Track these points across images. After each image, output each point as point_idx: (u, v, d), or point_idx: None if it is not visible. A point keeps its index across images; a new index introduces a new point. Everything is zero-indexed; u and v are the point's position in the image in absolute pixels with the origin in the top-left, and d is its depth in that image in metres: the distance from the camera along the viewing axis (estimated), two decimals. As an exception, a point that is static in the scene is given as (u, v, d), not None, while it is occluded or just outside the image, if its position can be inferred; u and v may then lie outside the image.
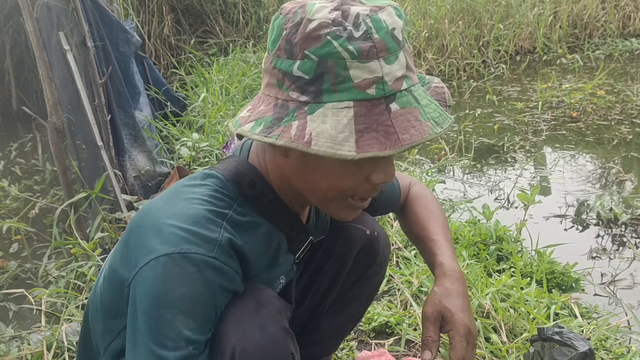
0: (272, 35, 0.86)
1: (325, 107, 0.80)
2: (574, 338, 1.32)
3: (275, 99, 0.84)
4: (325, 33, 0.80)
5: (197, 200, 0.91)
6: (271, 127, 0.82)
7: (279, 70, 0.84)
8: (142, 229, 0.90)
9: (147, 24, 5.71)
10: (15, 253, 2.93)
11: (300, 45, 0.81)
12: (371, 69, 0.80)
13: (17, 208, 3.36)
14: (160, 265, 0.84)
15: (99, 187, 2.70)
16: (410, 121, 0.81)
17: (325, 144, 0.78)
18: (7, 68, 4.84)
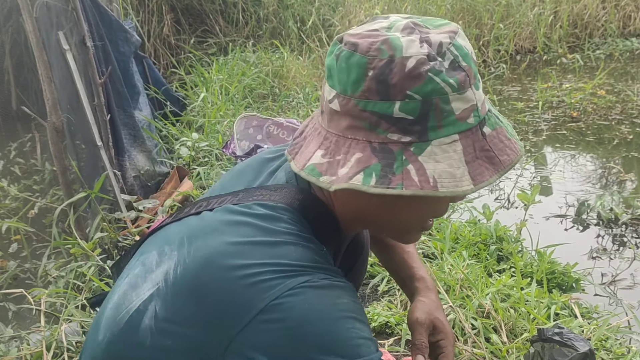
0: (348, 75, 0.79)
1: (433, 145, 0.77)
2: (574, 339, 1.32)
3: (368, 143, 0.78)
4: (426, 70, 0.76)
5: (293, 236, 0.85)
6: (386, 176, 0.76)
7: (371, 113, 0.77)
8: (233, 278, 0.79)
9: (146, 23, 5.70)
10: (15, 253, 2.93)
11: (400, 85, 0.76)
12: (468, 99, 0.79)
13: (16, 208, 3.36)
14: (306, 289, 0.77)
15: (99, 187, 2.69)
16: (502, 141, 0.81)
17: (449, 184, 0.76)
18: (7, 68, 4.84)
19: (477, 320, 1.75)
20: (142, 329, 0.86)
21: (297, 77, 4.75)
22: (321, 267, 0.82)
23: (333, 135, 0.81)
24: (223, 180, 1.06)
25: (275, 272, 0.78)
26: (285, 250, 0.82)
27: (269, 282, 0.77)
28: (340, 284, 0.82)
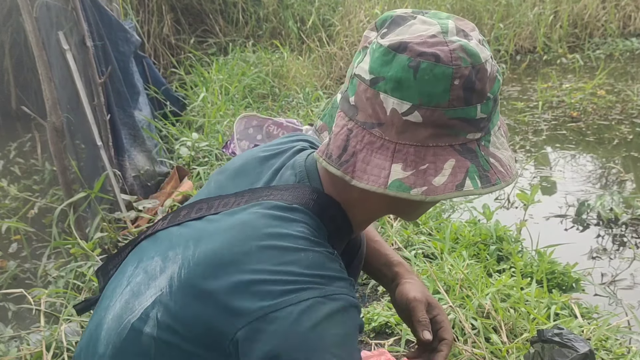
0: (436, 86, 0.78)
1: (492, 135, 0.85)
2: (574, 339, 1.31)
3: (450, 147, 0.81)
4: (496, 70, 0.84)
5: (305, 240, 0.84)
6: (484, 176, 0.81)
7: (458, 119, 0.80)
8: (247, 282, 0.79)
9: (146, 23, 5.70)
10: (15, 253, 2.93)
11: (484, 89, 0.81)
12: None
13: (16, 208, 3.35)
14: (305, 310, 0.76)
15: (98, 187, 2.69)
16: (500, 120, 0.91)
17: (514, 166, 0.85)
18: (7, 68, 4.83)
19: (477, 320, 1.75)
20: (144, 338, 0.84)
21: (297, 77, 4.75)
22: (331, 276, 0.81)
23: (408, 146, 0.80)
24: (219, 180, 1.02)
25: (280, 282, 0.78)
26: (295, 256, 0.80)
27: (271, 292, 0.77)
28: (341, 302, 0.79)
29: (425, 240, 2.32)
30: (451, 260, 2.07)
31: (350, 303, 0.81)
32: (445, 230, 2.30)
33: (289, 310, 0.76)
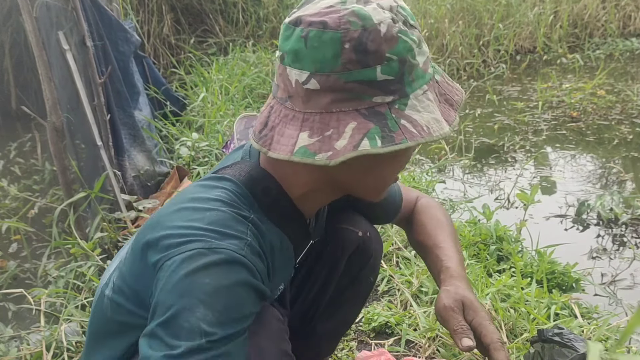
0: (324, 53, 0.82)
1: (411, 99, 0.84)
2: (574, 339, 1.31)
3: (356, 111, 0.82)
4: (396, 31, 0.83)
5: (216, 202, 0.89)
6: (389, 135, 0.82)
7: (355, 82, 0.82)
8: (156, 238, 0.86)
9: (146, 23, 5.70)
10: (15, 253, 2.93)
11: (379, 50, 0.81)
12: (425, 51, 0.87)
13: (16, 208, 3.35)
14: (184, 259, 0.81)
15: (99, 187, 2.69)
16: (449, 84, 0.90)
17: (437, 127, 0.84)
18: (7, 67, 4.83)
19: (477, 321, 1.75)
20: (105, 300, 0.96)
21: (297, 77, 4.74)
22: (226, 233, 0.84)
23: (314, 114, 0.84)
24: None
25: (179, 235, 0.84)
26: (201, 214, 0.86)
27: (169, 245, 0.83)
28: (224, 255, 0.82)
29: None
30: (451, 260, 2.06)
31: (234, 258, 0.82)
32: (445, 230, 2.30)
33: (173, 259, 0.81)
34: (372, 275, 1.35)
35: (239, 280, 0.83)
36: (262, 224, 0.93)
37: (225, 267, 0.82)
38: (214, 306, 0.79)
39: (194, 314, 0.78)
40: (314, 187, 0.96)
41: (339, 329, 1.40)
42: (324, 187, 0.96)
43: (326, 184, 0.95)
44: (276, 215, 0.96)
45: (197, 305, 0.78)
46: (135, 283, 0.90)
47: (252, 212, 0.92)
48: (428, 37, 5.70)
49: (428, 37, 5.70)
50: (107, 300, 0.95)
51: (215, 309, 0.79)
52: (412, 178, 3.07)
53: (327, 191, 0.98)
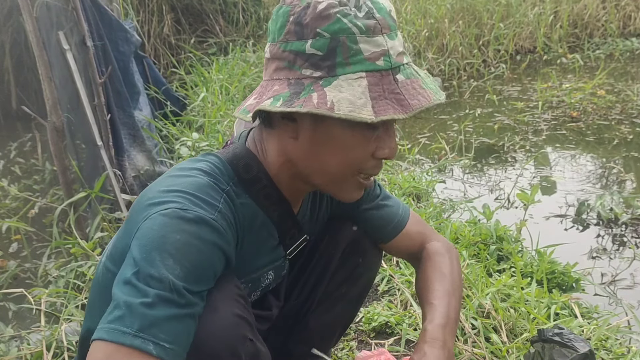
0: (276, 24, 0.91)
1: (340, 79, 0.86)
2: (574, 339, 1.32)
3: (287, 80, 0.89)
4: (335, 12, 0.86)
5: (196, 171, 0.96)
6: (291, 100, 0.87)
7: (289, 52, 0.89)
8: (142, 202, 0.92)
9: (146, 23, 5.70)
10: (15, 253, 2.93)
11: (311, 25, 0.87)
12: (378, 43, 0.87)
13: (16, 207, 3.36)
14: (159, 216, 0.87)
15: (99, 187, 2.69)
16: (415, 89, 0.89)
17: (347, 108, 0.84)
18: (7, 67, 4.84)
19: (477, 320, 1.75)
20: (100, 267, 1.02)
21: (297, 77, 4.75)
22: (198, 196, 0.90)
23: (266, 81, 0.94)
24: None
25: (159, 197, 0.90)
26: (182, 180, 0.93)
27: (150, 205, 0.89)
28: (192, 222, 0.87)
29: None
30: (451, 260, 2.07)
31: (204, 220, 0.88)
32: (446, 230, 2.30)
33: (151, 217, 0.87)
34: (369, 272, 1.34)
35: (207, 240, 0.88)
36: (239, 198, 0.98)
37: (196, 226, 0.87)
38: (182, 262, 0.84)
39: (164, 265, 0.82)
40: (283, 166, 1.00)
41: (334, 325, 1.38)
42: (290, 167, 1.00)
43: (290, 163, 0.99)
44: (256, 192, 1.00)
45: (167, 258, 0.83)
46: (122, 244, 0.94)
47: (231, 185, 0.97)
48: (428, 37, 5.70)
49: (428, 37, 5.70)
50: (102, 268, 1.02)
51: (183, 265, 0.84)
52: (412, 178, 3.07)
53: (296, 174, 1.01)
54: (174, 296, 0.82)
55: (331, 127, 0.90)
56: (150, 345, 0.79)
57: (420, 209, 2.68)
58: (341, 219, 1.25)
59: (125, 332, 0.79)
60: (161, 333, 0.80)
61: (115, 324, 0.80)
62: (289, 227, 1.09)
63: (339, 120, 0.88)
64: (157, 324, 0.80)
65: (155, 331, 0.80)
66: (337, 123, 0.89)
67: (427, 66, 5.58)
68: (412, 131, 4.39)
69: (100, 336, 0.80)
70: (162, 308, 0.81)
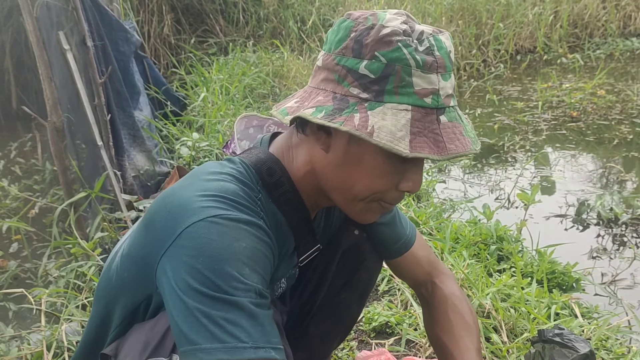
0: (336, 35, 0.91)
1: (386, 107, 0.86)
2: (575, 340, 1.31)
3: (333, 93, 0.89)
4: (397, 40, 0.86)
5: (226, 176, 0.94)
6: (333, 115, 0.87)
7: (342, 67, 0.89)
8: (170, 206, 0.89)
9: (147, 23, 5.70)
10: (15, 253, 2.93)
11: (371, 46, 0.87)
12: (431, 81, 0.87)
13: (16, 208, 3.36)
14: (212, 224, 0.84)
15: (99, 187, 2.70)
16: (455, 134, 0.88)
17: (385, 137, 0.84)
18: (7, 67, 4.84)
19: (477, 320, 1.75)
20: (113, 267, 1.01)
21: (298, 76, 4.75)
22: (239, 202, 0.89)
23: (311, 88, 0.94)
24: None
25: (196, 200, 0.87)
26: (214, 185, 0.91)
27: (186, 213, 0.86)
28: (247, 223, 0.87)
29: (426, 240, 2.32)
30: (451, 260, 2.07)
31: (257, 223, 0.88)
32: (446, 230, 2.31)
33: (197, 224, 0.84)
34: (369, 277, 1.32)
35: (267, 242, 0.89)
36: (267, 204, 0.98)
37: (255, 230, 0.87)
38: (255, 268, 0.85)
39: (242, 275, 0.82)
40: (308, 174, 0.99)
41: (334, 330, 1.37)
42: (314, 178, 0.99)
43: (314, 174, 0.99)
44: (278, 197, 0.99)
45: (242, 267, 0.83)
46: (143, 249, 0.92)
47: (260, 191, 0.97)
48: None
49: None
50: (115, 268, 1.00)
51: (257, 271, 0.85)
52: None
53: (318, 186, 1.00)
54: (263, 300, 0.84)
55: (364, 151, 0.90)
56: (272, 352, 0.81)
57: (421, 209, 2.68)
58: (345, 223, 1.24)
59: (245, 346, 0.79)
60: (272, 337, 0.82)
61: (227, 342, 0.79)
62: (305, 234, 1.08)
63: (374, 147, 0.87)
64: (265, 330, 0.81)
65: (267, 337, 0.81)
66: (372, 149, 0.89)
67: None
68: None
69: (219, 357, 0.78)
70: (260, 314, 0.82)
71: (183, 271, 0.82)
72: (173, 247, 0.84)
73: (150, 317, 0.98)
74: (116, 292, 1.01)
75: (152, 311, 0.97)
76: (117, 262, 1.01)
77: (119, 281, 1.00)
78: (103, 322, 1.06)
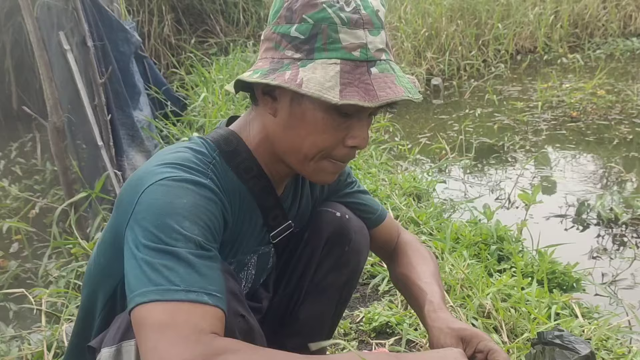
0: (274, 9, 1.00)
1: (316, 62, 0.92)
2: (575, 341, 1.31)
3: (271, 59, 0.97)
4: (322, 2, 0.94)
5: (182, 148, 1.01)
6: (267, 75, 0.95)
7: (277, 34, 0.97)
8: (131, 182, 0.95)
9: (147, 23, 5.71)
10: (16, 253, 2.93)
11: (299, 11, 0.94)
12: (357, 36, 0.93)
13: (17, 208, 3.36)
14: (157, 187, 0.90)
15: (99, 187, 2.70)
16: (387, 83, 0.94)
17: (314, 87, 0.90)
18: (8, 68, 4.84)
19: (477, 320, 1.75)
20: (92, 258, 1.07)
21: (298, 77, 4.75)
22: (188, 166, 0.95)
23: (258, 59, 1.02)
24: None
25: (151, 172, 0.93)
26: (170, 156, 0.97)
27: (144, 181, 0.92)
28: (191, 182, 0.92)
29: (426, 240, 2.32)
30: (452, 260, 2.07)
31: (201, 182, 0.93)
32: (446, 230, 2.31)
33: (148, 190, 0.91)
34: (356, 258, 1.32)
35: (211, 199, 0.93)
36: (223, 170, 1.03)
37: (197, 188, 0.92)
38: (196, 222, 0.89)
39: (182, 228, 0.87)
40: (263, 142, 1.05)
41: (324, 316, 1.36)
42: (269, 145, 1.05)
43: (268, 140, 1.05)
44: (237, 165, 1.05)
45: (182, 221, 0.87)
46: (116, 225, 0.96)
47: (215, 157, 1.02)
48: (428, 36, 5.70)
49: (428, 36, 5.70)
50: (93, 256, 1.06)
51: (198, 224, 0.89)
52: (413, 178, 3.08)
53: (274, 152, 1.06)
54: (203, 251, 0.87)
55: (305, 109, 0.96)
56: (205, 297, 0.83)
57: (421, 208, 2.68)
58: (324, 207, 1.27)
59: (177, 289, 0.81)
60: (208, 284, 0.84)
61: (161, 285, 0.82)
62: (271, 206, 1.12)
63: (313, 104, 0.94)
64: (201, 277, 0.84)
65: (202, 284, 0.84)
66: (311, 106, 0.95)
67: (427, 66, 5.58)
68: (412, 131, 4.39)
69: (151, 298, 0.81)
70: (198, 263, 0.85)
71: (137, 232, 0.87)
72: (132, 216, 0.90)
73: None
74: (96, 280, 1.06)
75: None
76: (94, 251, 1.07)
77: (96, 268, 1.05)
78: (87, 312, 1.10)
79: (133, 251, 0.86)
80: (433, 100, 5.14)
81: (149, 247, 0.85)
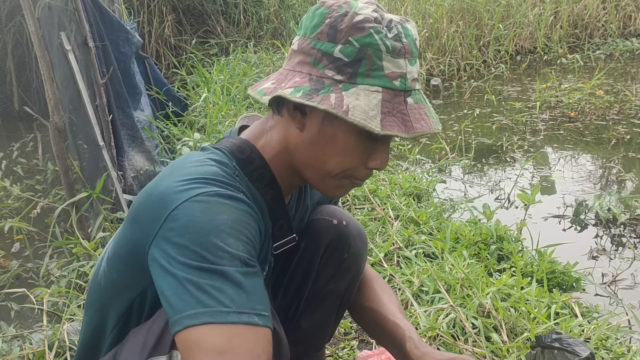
0: (311, 21, 0.97)
1: (359, 88, 0.92)
2: (574, 343, 1.32)
3: (309, 75, 0.95)
4: (369, 26, 0.93)
5: (205, 160, 0.97)
6: (311, 95, 0.92)
7: (318, 50, 0.95)
8: (152, 196, 0.92)
9: (148, 24, 5.71)
10: (17, 252, 2.94)
11: (345, 32, 0.93)
12: (399, 65, 0.94)
13: (18, 208, 3.36)
14: (193, 203, 0.87)
15: (100, 187, 2.70)
16: (421, 114, 0.95)
17: (359, 115, 0.90)
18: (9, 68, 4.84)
19: (477, 320, 1.76)
20: (100, 273, 1.04)
21: (298, 77, 4.76)
22: (220, 180, 0.93)
23: (286, 70, 1.00)
24: None
25: (180, 186, 0.90)
26: (194, 169, 0.95)
27: (172, 197, 0.89)
28: (227, 197, 0.90)
29: (426, 239, 2.33)
30: (452, 259, 2.08)
31: (238, 197, 0.92)
32: (446, 230, 2.31)
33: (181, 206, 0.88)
34: (356, 264, 1.33)
35: (249, 213, 0.92)
36: (244, 181, 1.02)
37: (236, 203, 0.90)
38: (239, 237, 0.88)
39: (227, 245, 0.85)
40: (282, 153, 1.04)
41: (326, 322, 1.37)
42: (288, 157, 1.04)
43: (288, 152, 1.03)
44: (251, 172, 1.03)
45: (226, 238, 0.86)
46: (133, 242, 0.94)
47: (235, 167, 1.01)
48: (428, 37, 5.71)
49: (428, 37, 5.71)
50: (102, 272, 1.03)
51: (241, 240, 0.88)
52: (413, 178, 3.08)
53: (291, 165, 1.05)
54: (248, 268, 0.86)
55: (337, 130, 0.95)
56: (255, 318, 0.83)
57: (421, 208, 2.69)
58: (318, 215, 1.27)
59: (229, 311, 0.81)
60: (257, 304, 0.84)
61: (211, 306, 0.81)
62: (279, 215, 1.11)
63: (346, 126, 0.93)
64: (249, 296, 0.84)
65: (252, 304, 0.83)
66: (345, 128, 0.94)
67: (427, 66, 5.59)
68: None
69: (204, 321, 0.80)
70: (245, 281, 0.84)
71: (171, 251, 0.85)
72: (160, 232, 0.87)
73: (146, 314, 0.99)
74: (107, 295, 1.03)
75: (148, 307, 0.98)
76: (103, 266, 1.03)
77: (108, 283, 1.02)
78: (96, 329, 1.06)
79: (170, 270, 0.84)
80: (433, 101, 5.15)
81: (191, 266, 0.83)
